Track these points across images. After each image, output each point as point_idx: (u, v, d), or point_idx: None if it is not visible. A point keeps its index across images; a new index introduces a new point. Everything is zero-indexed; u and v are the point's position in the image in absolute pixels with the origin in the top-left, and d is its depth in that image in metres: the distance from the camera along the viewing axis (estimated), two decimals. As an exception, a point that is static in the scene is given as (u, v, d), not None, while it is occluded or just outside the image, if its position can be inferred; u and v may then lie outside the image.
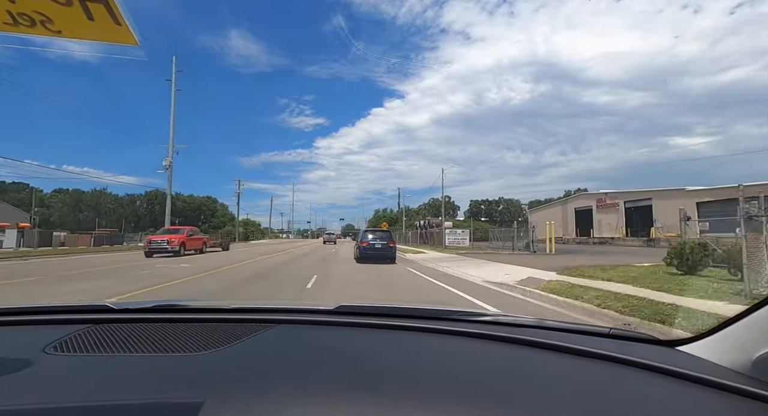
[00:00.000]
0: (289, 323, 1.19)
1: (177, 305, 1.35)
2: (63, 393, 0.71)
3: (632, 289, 7.00)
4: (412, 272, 12.38)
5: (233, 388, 0.72)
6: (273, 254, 22.38)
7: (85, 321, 1.14)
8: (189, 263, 15.32)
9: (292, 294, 7.82)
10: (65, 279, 10.27)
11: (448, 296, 7.83)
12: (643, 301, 5.79)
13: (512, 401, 0.71)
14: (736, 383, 0.74)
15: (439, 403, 0.68)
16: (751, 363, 0.78)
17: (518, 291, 8.13)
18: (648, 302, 5.68)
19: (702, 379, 0.77)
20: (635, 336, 1.11)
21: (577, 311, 6.07)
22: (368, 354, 0.97)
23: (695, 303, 5.59)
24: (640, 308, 5.40)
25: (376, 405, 0.67)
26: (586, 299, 6.32)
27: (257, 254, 22.59)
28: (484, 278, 10.09)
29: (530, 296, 7.55)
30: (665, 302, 5.61)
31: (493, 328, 1.14)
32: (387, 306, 1.33)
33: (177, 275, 10.93)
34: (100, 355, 0.90)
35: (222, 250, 27.30)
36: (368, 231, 18.23)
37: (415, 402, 0.69)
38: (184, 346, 0.94)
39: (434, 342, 1.06)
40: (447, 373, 0.85)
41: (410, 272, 12.61)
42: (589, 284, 7.81)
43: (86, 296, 7.40)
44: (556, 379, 0.84)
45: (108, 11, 0.78)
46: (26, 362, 0.82)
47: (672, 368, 0.81)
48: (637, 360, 0.87)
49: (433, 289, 8.86)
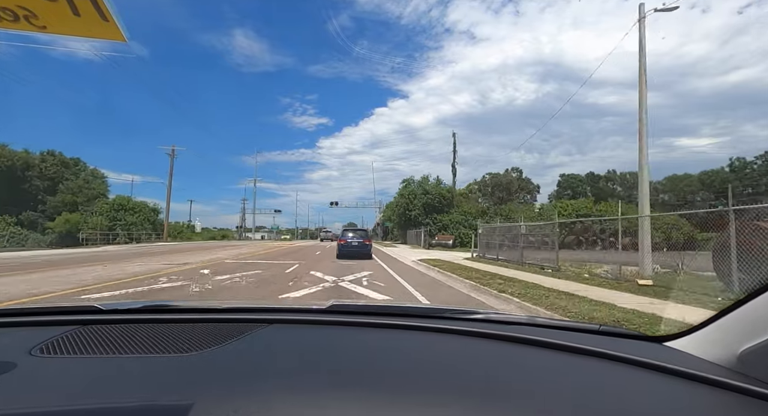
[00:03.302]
0: (280, 322, 1.18)
1: (167, 306, 1.33)
2: (49, 396, 0.70)
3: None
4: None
5: (224, 388, 0.71)
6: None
7: (72, 323, 1.12)
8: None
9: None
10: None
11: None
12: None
13: (504, 398, 0.72)
14: (722, 377, 0.75)
15: (432, 401, 0.69)
16: (736, 357, 0.80)
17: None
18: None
19: (688, 374, 0.78)
20: (624, 332, 1.13)
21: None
22: (360, 353, 0.97)
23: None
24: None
25: (368, 403, 0.67)
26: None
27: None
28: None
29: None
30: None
31: (484, 326, 1.15)
32: (379, 305, 1.34)
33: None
34: (88, 357, 0.88)
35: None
36: (347, 230, 20.04)
37: (407, 400, 0.69)
38: (173, 347, 0.93)
39: (426, 340, 1.07)
40: (439, 371, 0.86)
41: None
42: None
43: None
44: (547, 375, 0.85)
45: (95, 7, 0.76)
46: (11, 364, 0.80)
47: (659, 363, 0.83)
48: (626, 355, 0.88)
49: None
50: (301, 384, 0.75)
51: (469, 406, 0.67)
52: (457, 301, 7.33)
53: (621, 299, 6.62)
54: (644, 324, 4.76)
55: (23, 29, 0.80)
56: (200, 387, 0.73)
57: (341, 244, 18.56)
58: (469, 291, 8.49)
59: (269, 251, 24.08)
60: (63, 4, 0.75)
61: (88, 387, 0.74)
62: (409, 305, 1.43)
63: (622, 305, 6.07)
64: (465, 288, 8.90)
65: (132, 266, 12.69)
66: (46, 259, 16.17)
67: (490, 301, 7.25)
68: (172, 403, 0.66)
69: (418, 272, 12.39)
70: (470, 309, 1.34)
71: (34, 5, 0.76)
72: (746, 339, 0.78)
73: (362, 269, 12.40)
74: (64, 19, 0.78)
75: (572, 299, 6.59)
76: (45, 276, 9.86)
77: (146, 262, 14.54)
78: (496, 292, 7.62)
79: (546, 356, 0.94)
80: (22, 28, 0.79)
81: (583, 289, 7.90)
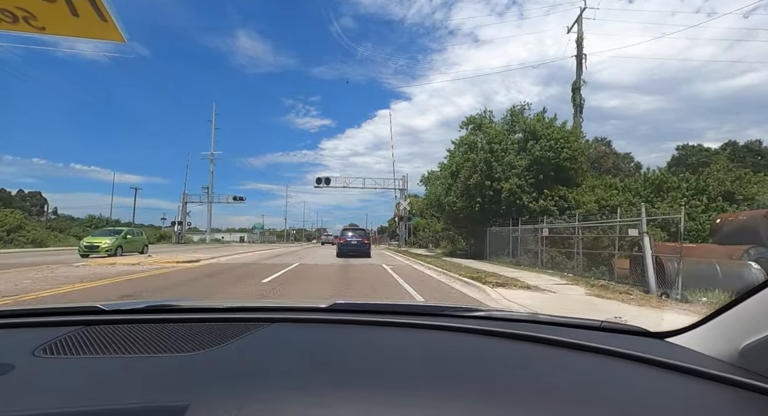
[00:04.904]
0: (282, 321, 1.18)
1: (169, 306, 1.33)
2: (52, 397, 0.70)
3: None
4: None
5: (227, 387, 0.71)
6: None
7: (75, 323, 1.12)
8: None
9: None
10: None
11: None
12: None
13: (508, 394, 0.72)
14: (724, 373, 0.75)
15: (435, 399, 0.69)
16: (738, 352, 0.80)
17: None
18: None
19: (691, 369, 0.78)
20: (626, 328, 1.13)
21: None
22: (364, 352, 0.97)
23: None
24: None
25: (370, 402, 0.67)
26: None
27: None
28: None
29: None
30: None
31: (486, 323, 1.15)
32: (381, 303, 1.34)
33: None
34: (91, 357, 0.88)
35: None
36: (347, 230, 20.41)
37: (412, 398, 0.69)
38: (175, 347, 0.93)
39: (428, 337, 1.07)
40: (442, 369, 0.86)
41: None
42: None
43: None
44: (549, 372, 0.85)
45: (93, 8, 0.76)
46: (14, 365, 0.81)
47: (661, 359, 0.83)
48: (628, 352, 0.88)
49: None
50: (304, 382, 0.75)
51: (472, 403, 0.67)
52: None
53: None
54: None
55: (22, 30, 0.79)
56: (203, 387, 0.73)
57: (341, 243, 18.98)
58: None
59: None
60: (62, 5, 0.75)
61: (91, 388, 0.74)
62: (411, 303, 1.43)
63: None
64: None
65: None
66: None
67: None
68: (175, 403, 0.66)
69: None
70: (473, 307, 1.35)
71: (33, 6, 0.76)
72: (748, 334, 0.78)
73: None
74: (63, 20, 0.78)
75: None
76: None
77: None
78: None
79: (548, 352, 0.94)
80: (21, 30, 0.79)
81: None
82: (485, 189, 17.78)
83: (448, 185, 20.65)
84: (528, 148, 17.84)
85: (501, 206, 17.66)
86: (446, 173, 21.22)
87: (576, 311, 6.17)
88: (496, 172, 17.62)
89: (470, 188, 18.42)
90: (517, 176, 17.33)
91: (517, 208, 17.03)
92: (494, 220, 17.88)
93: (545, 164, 17.25)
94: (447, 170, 21.18)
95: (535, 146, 17.50)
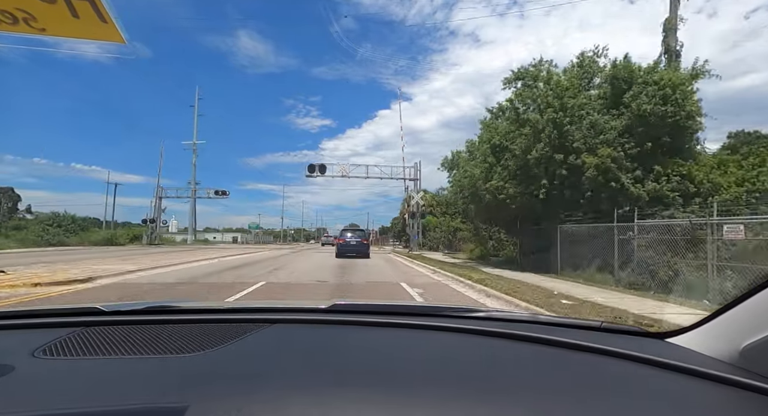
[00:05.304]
0: (282, 322, 1.18)
1: (169, 307, 1.33)
2: (52, 398, 0.70)
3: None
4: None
5: (227, 388, 0.71)
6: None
7: (75, 324, 1.12)
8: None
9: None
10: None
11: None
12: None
13: (507, 395, 0.72)
14: (724, 373, 0.75)
15: (435, 399, 0.69)
16: (738, 353, 0.80)
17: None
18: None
19: (691, 370, 0.78)
20: (626, 329, 1.13)
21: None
22: (364, 352, 0.97)
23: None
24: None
25: (371, 402, 0.67)
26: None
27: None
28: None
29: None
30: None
31: (486, 323, 1.15)
32: (381, 304, 1.34)
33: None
34: (91, 358, 0.88)
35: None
36: (346, 230, 20.82)
37: (413, 398, 0.69)
38: (175, 348, 0.93)
39: (429, 338, 1.07)
40: (442, 369, 0.86)
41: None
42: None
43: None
44: (549, 372, 0.85)
45: (94, 9, 0.76)
46: (15, 366, 0.81)
47: (661, 359, 0.83)
48: (628, 352, 0.88)
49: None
50: (305, 383, 0.75)
51: (472, 403, 0.67)
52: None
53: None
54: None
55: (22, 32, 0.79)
56: (203, 388, 0.73)
57: (340, 243, 19.05)
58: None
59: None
60: (62, 7, 0.75)
61: (91, 389, 0.74)
62: (411, 303, 1.44)
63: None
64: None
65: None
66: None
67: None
68: (174, 404, 0.66)
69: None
70: (472, 307, 1.35)
71: (33, 8, 0.75)
72: (748, 334, 0.78)
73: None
74: (63, 21, 0.77)
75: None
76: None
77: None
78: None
79: (548, 353, 0.94)
80: (21, 31, 0.79)
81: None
82: (555, 166, 11.35)
83: (488, 164, 13.70)
84: (624, 102, 11.32)
85: (582, 191, 11.13)
86: (484, 148, 14.21)
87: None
88: (574, 139, 11.20)
89: (530, 167, 11.89)
90: (608, 145, 10.76)
91: (610, 194, 10.60)
92: (567, 214, 11.47)
93: (654, 124, 10.66)
94: (484, 144, 14.31)
95: (640, 97, 10.79)
